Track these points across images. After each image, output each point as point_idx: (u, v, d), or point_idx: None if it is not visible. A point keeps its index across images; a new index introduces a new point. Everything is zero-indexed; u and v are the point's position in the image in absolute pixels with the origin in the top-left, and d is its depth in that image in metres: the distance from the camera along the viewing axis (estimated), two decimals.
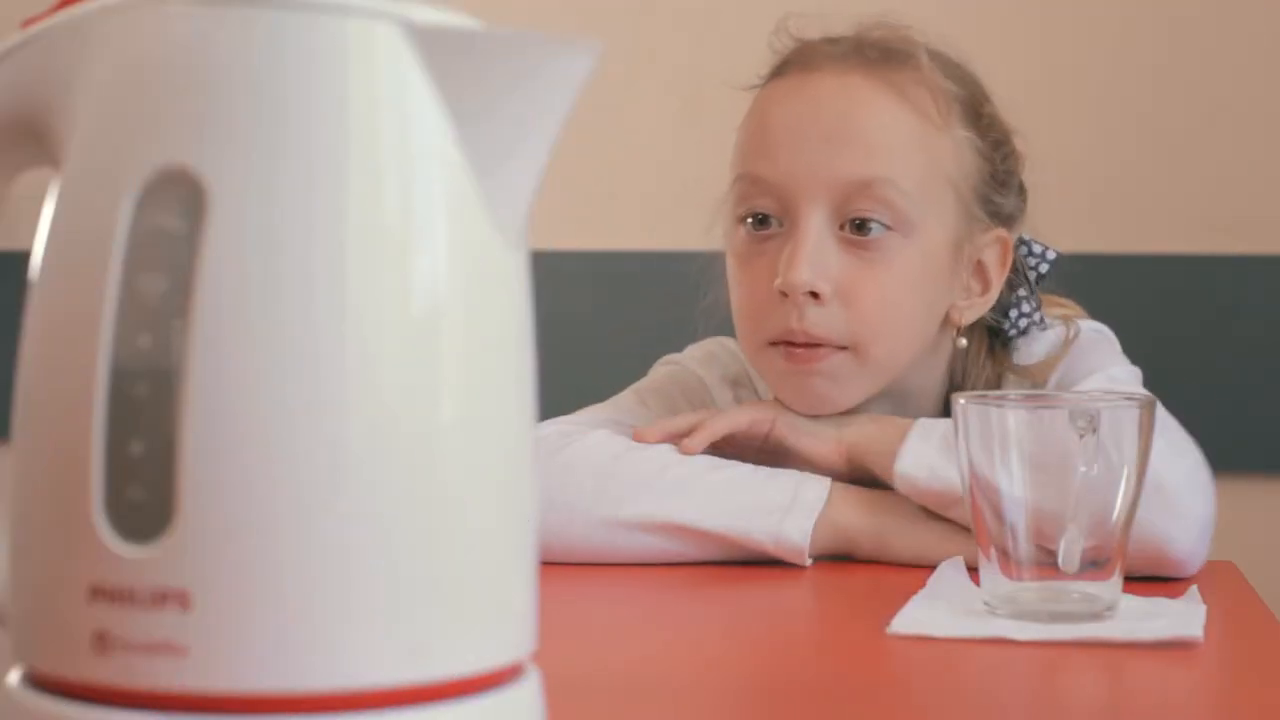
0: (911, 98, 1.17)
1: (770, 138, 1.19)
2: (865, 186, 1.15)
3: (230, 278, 0.53)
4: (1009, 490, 0.89)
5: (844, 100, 1.17)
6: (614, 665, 0.84)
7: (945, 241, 1.18)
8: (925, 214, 1.17)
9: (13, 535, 0.57)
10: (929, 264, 1.18)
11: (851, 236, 1.16)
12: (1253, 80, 1.82)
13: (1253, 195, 1.81)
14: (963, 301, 1.22)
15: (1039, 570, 0.90)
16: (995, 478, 0.89)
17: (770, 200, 1.17)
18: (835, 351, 1.16)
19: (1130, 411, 0.90)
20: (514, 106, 0.56)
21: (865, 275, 1.16)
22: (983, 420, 0.90)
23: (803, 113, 1.18)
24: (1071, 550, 0.89)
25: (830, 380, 1.17)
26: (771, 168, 1.17)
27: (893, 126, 1.17)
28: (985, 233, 1.21)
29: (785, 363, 1.17)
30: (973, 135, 1.20)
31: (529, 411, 0.59)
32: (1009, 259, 1.22)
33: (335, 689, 0.53)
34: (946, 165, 1.18)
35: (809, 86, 1.19)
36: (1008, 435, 0.89)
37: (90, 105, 0.56)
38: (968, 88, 1.21)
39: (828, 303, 1.15)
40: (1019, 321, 1.25)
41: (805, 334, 1.15)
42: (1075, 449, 0.89)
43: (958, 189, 1.19)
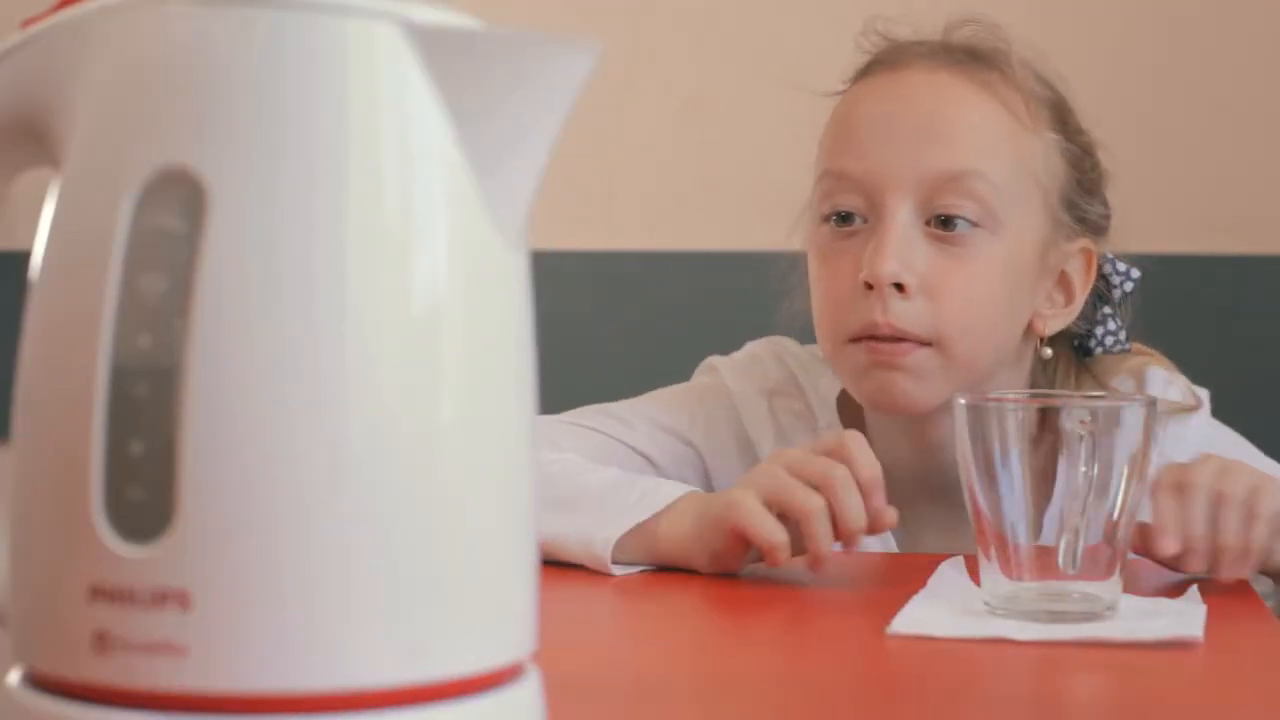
0: (1001, 96, 1.17)
1: (856, 133, 1.18)
2: (953, 180, 1.13)
3: (230, 278, 0.53)
4: (1008, 490, 0.89)
5: (932, 96, 1.17)
6: (614, 665, 0.84)
7: (1032, 243, 1.17)
8: (1012, 213, 1.15)
9: (13, 535, 0.57)
10: (1014, 264, 1.16)
11: (938, 231, 1.14)
12: (1253, 80, 1.82)
13: (1253, 195, 1.81)
14: (1046, 310, 1.20)
15: (1039, 570, 0.89)
16: (995, 477, 0.89)
17: (855, 196, 1.16)
18: (918, 347, 1.14)
19: (1132, 411, 0.90)
20: (514, 106, 0.56)
21: (951, 270, 1.14)
22: (982, 420, 0.90)
23: (890, 108, 1.17)
24: (1071, 550, 0.89)
25: (913, 377, 1.15)
26: (857, 163, 1.16)
27: (982, 122, 1.16)
28: (1070, 241, 1.20)
29: (867, 357, 1.15)
30: (1061, 139, 1.19)
31: (529, 411, 0.59)
32: (1093, 271, 1.21)
33: (335, 689, 0.53)
34: (1035, 166, 1.17)
35: (897, 84, 1.18)
36: (1007, 435, 0.89)
37: (90, 105, 0.56)
38: (1057, 91, 1.21)
39: (913, 296, 1.13)
40: (1105, 339, 1.24)
41: (890, 326, 1.13)
42: (1076, 448, 0.88)
43: (1045, 191, 1.17)
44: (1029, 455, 0.88)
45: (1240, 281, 1.80)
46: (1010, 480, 0.89)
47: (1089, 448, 0.88)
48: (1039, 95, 1.18)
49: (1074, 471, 0.88)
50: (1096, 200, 1.22)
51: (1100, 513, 0.89)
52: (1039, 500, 0.89)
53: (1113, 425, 0.89)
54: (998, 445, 0.89)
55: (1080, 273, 1.21)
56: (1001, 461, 0.89)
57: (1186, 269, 1.81)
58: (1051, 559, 0.89)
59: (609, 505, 1.06)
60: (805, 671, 0.83)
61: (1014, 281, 1.17)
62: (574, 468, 1.13)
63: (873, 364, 1.15)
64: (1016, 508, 0.89)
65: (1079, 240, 1.20)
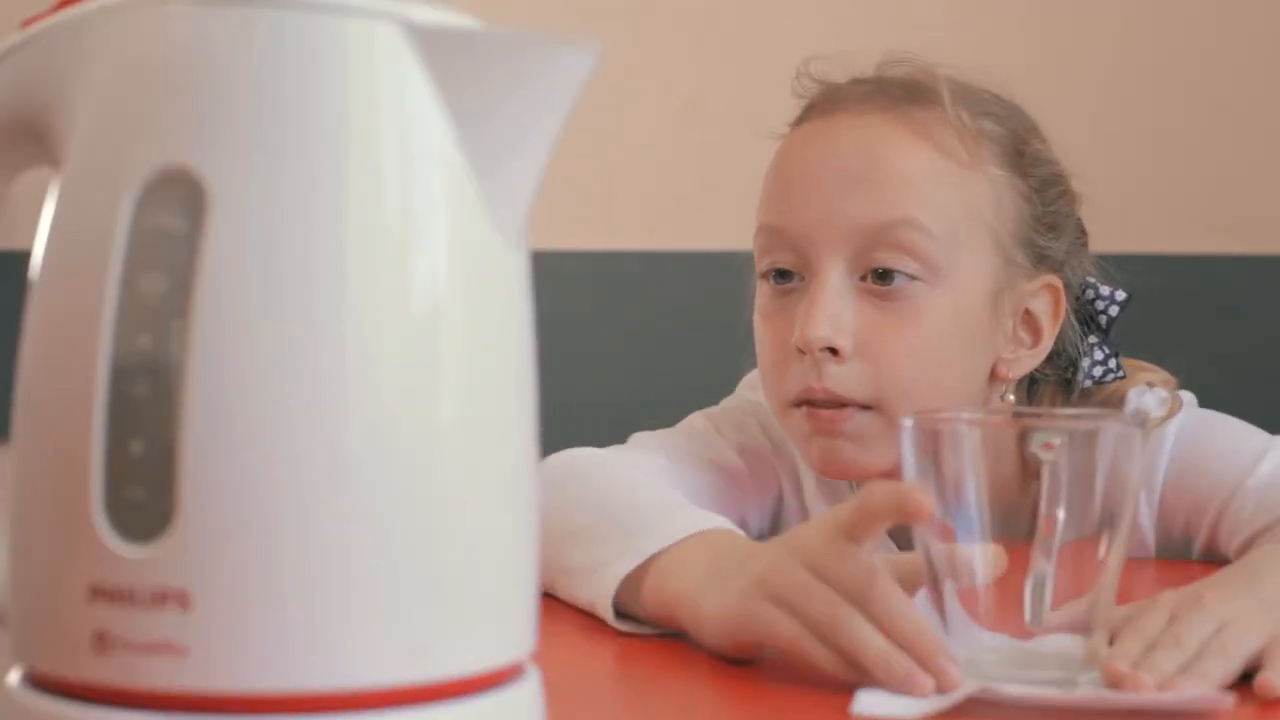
0: (935, 136, 1.09)
1: (785, 186, 1.11)
2: (885, 231, 1.06)
3: (230, 278, 0.53)
4: (964, 526, 0.72)
5: (860, 141, 1.09)
6: (614, 665, 0.84)
7: (981, 290, 1.09)
8: (955, 260, 1.08)
9: (13, 535, 0.57)
10: (962, 315, 1.09)
11: (874, 286, 1.07)
12: (1253, 80, 1.82)
13: (1253, 195, 1.81)
14: (1009, 354, 1.12)
15: (1003, 624, 0.73)
16: (946, 513, 0.72)
17: (788, 253, 1.10)
18: (860, 411, 1.08)
19: (1113, 431, 0.73)
20: (514, 106, 0.56)
21: (888, 328, 1.07)
22: (931, 442, 0.73)
23: (818, 157, 1.11)
24: (1038, 602, 0.72)
25: (856, 443, 1.08)
26: (787, 217, 1.10)
27: (913, 166, 1.08)
28: (1031, 280, 1.12)
29: (809, 424, 1.09)
30: (1011, 175, 1.11)
31: (529, 411, 0.59)
32: (1062, 307, 1.13)
33: (335, 689, 0.53)
34: (979, 206, 1.09)
35: (827, 129, 1.12)
36: (961, 460, 0.72)
37: (90, 105, 0.56)
38: (1007, 125, 1.13)
39: (848, 359, 1.07)
40: (1093, 370, 1.17)
41: (825, 391, 1.07)
42: (1044, 477, 0.72)
43: (995, 233, 1.10)
44: (987, 485, 0.73)
45: (1240, 281, 1.80)
46: (965, 515, 0.72)
47: (1059, 476, 0.72)
48: (983, 131, 1.11)
49: (1041, 503, 0.72)
50: (1062, 234, 1.15)
51: (1079, 558, 0.72)
52: (998, 539, 0.73)
53: (1089, 448, 0.73)
54: (949, 472, 0.73)
55: (1047, 311, 1.13)
56: (954, 493, 0.72)
57: (1186, 269, 1.81)
58: (1017, 611, 0.73)
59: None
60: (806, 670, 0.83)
61: (962, 332, 1.09)
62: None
63: (814, 431, 1.09)
64: (972, 548, 0.73)
65: (1041, 277, 1.13)
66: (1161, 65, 1.82)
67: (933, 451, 0.73)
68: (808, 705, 0.75)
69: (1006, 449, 1.12)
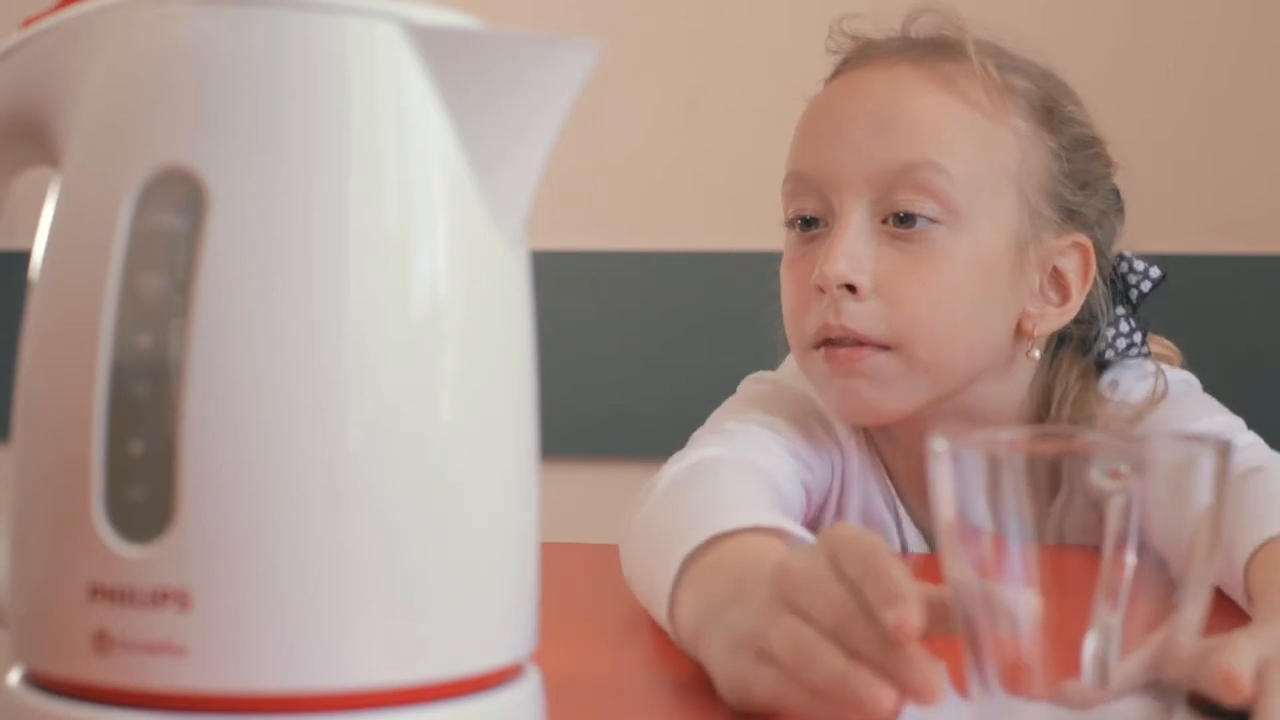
0: (959, 86, 1.11)
1: (813, 133, 1.13)
2: (906, 172, 1.08)
3: (230, 278, 0.53)
4: (1009, 569, 0.61)
5: (886, 90, 1.11)
6: (614, 665, 0.84)
7: (1004, 239, 1.10)
8: (977, 206, 1.09)
9: (13, 535, 0.57)
10: (984, 262, 1.09)
11: (895, 230, 1.09)
12: (1253, 80, 1.82)
13: (1253, 195, 1.81)
14: (1035, 309, 1.13)
15: (1056, 684, 0.60)
16: (988, 551, 0.61)
17: (813, 199, 1.11)
18: (878, 352, 1.08)
19: (1197, 455, 0.61)
20: (514, 106, 0.56)
21: (907, 269, 1.08)
22: (970, 469, 0.61)
23: (844, 105, 1.13)
24: (1100, 659, 0.60)
25: (874, 384, 1.09)
26: (811, 162, 1.12)
27: (935, 113, 1.10)
28: (1060, 237, 1.13)
29: (827, 366, 1.10)
30: (1038, 129, 1.13)
31: (529, 411, 0.59)
32: (1091, 269, 1.14)
33: (335, 689, 0.53)
34: (1002, 156, 1.10)
35: (855, 81, 1.14)
36: (1004, 490, 0.60)
37: (90, 105, 0.56)
38: (1038, 84, 1.15)
39: (866, 298, 1.08)
40: (1116, 342, 1.17)
41: (843, 328, 1.07)
42: (1114, 512, 0.60)
43: (1019, 184, 1.11)
44: (1035, 519, 0.60)
45: (1240, 281, 1.80)
46: (1010, 555, 0.61)
47: (1125, 510, 0.60)
48: (1010, 86, 1.12)
49: (1106, 544, 0.60)
50: (1092, 194, 1.16)
51: (1149, 604, 0.60)
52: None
53: (1166, 477, 0.61)
54: (989, 504, 0.60)
55: (1076, 270, 1.14)
56: (995, 529, 0.60)
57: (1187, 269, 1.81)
58: (1073, 669, 0.60)
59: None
60: None
61: (983, 279, 1.10)
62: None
63: (833, 372, 1.10)
64: (1021, 593, 0.60)
65: (1071, 235, 1.14)
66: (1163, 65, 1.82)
67: (965, 481, 0.61)
68: None
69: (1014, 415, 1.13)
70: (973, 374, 1.12)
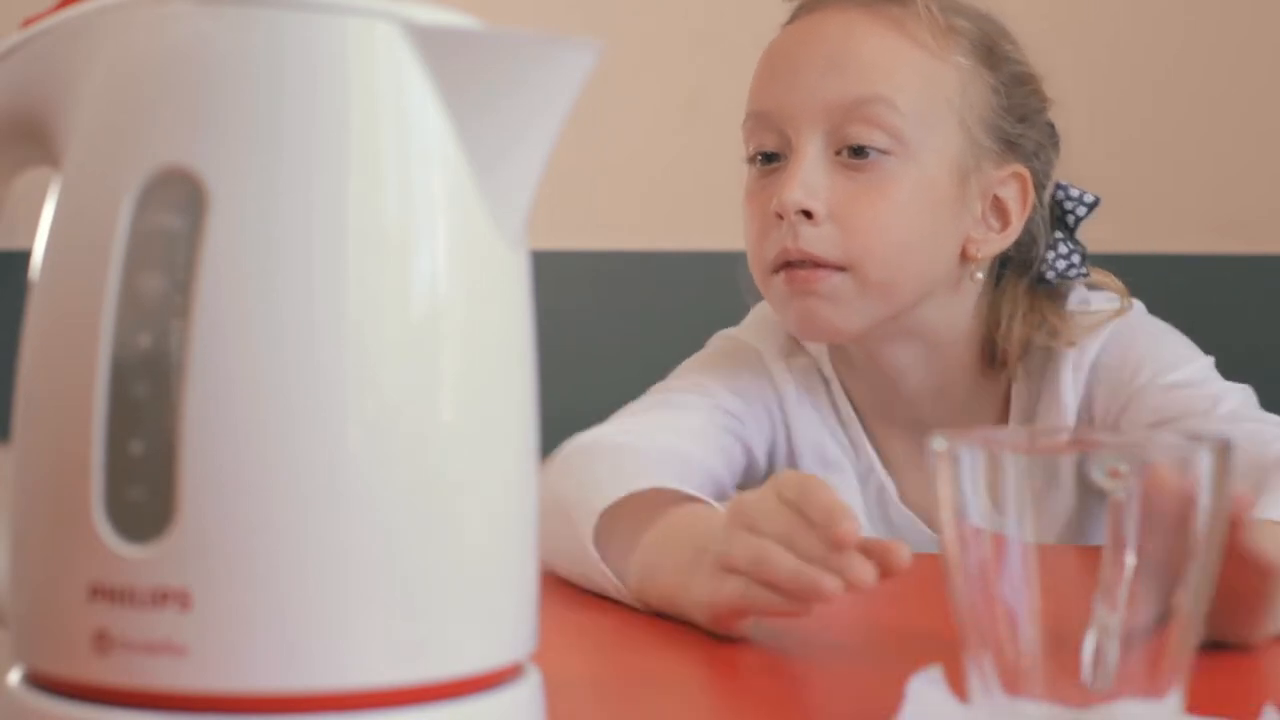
0: (908, 28, 1.19)
1: (769, 74, 1.21)
2: (858, 106, 1.16)
3: (230, 277, 0.53)
4: (1009, 569, 0.61)
5: (839, 32, 1.20)
6: (614, 665, 0.84)
7: (948, 168, 1.18)
8: (923, 138, 1.17)
9: (13, 535, 0.57)
10: (930, 189, 1.18)
11: (848, 160, 1.16)
12: (1253, 80, 1.82)
13: (1253, 195, 1.81)
14: (978, 235, 1.21)
15: (1055, 685, 0.60)
16: (988, 552, 0.61)
17: (772, 135, 1.19)
18: (834, 273, 1.16)
19: (1197, 455, 0.61)
20: (514, 106, 0.56)
21: (859, 195, 1.16)
22: (970, 469, 0.61)
23: (801, 47, 1.21)
24: (1104, 657, 0.60)
25: (830, 302, 1.17)
26: (770, 101, 1.20)
27: (886, 52, 1.18)
28: (999, 167, 1.21)
29: (785, 286, 1.18)
30: (978, 66, 1.20)
31: (529, 411, 0.59)
32: (1029, 197, 1.22)
33: (335, 689, 0.53)
34: (947, 91, 1.19)
35: (810, 25, 1.22)
36: (1006, 490, 0.61)
37: (90, 105, 0.56)
38: (979, 25, 1.22)
39: (822, 223, 1.16)
40: (1056, 263, 1.24)
41: (800, 252, 1.16)
42: (1113, 512, 0.60)
43: (961, 116, 1.19)
44: (1036, 519, 0.61)
45: (1240, 281, 1.80)
46: (1011, 555, 0.61)
47: (1126, 509, 0.60)
48: (953, 27, 1.20)
49: (1106, 544, 0.60)
50: (1029, 126, 1.23)
51: (1148, 603, 0.61)
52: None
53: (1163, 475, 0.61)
54: (991, 504, 0.61)
55: (1015, 198, 1.22)
56: (998, 528, 0.61)
57: (1186, 269, 1.81)
58: (1072, 670, 0.60)
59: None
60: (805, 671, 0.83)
61: (930, 206, 1.18)
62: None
63: (791, 293, 1.18)
64: (1020, 594, 0.60)
65: (1010, 165, 1.21)
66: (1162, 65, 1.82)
67: (964, 481, 0.61)
68: (810, 707, 0.75)
69: (964, 335, 1.22)
70: (922, 294, 1.20)
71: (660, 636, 0.88)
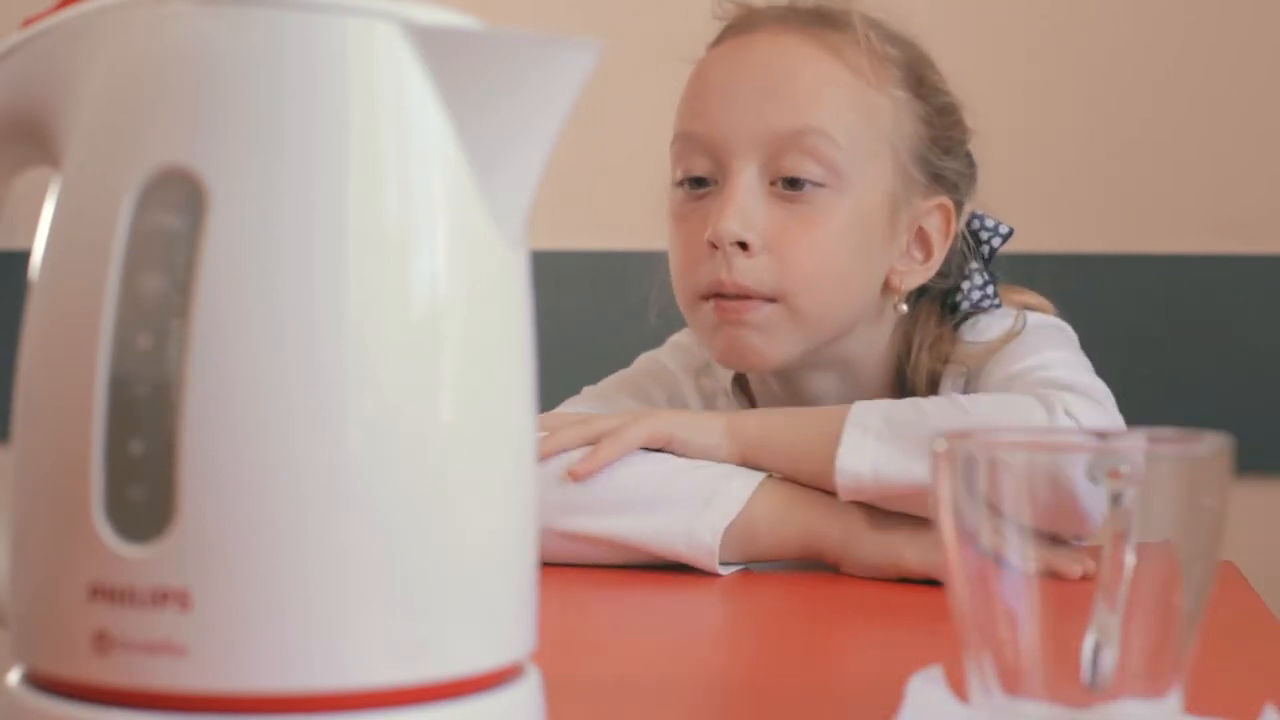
0: (846, 56, 1.18)
1: (703, 96, 1.20)
2: (795, 137, 1.15)
3: (230, 278, 0.53)
4: (1009, 568, 0.60)
5: (776, 57, 1.18)
6: (614, 665, 0.84)
7: (880, 200, 1.18)
8: (859, 169, 1.16)
9: (13, 535, 0.57)
10: (863, 221, 1.17)
11: (783, 191, 1.16)
12: (1253, 80, 1.82)
13: (1253, 195, 1.81)
14: (902, 267, 1.21)
15: (1055, 685, 0.60)
16: (987, 551, 0.61)
17: (704, 159, 1.18)
18: (764, 303, 1.16)
19: (1197, 455, 0.61)
20: (514, 106, 0.56)
21: (795, 227, 1.16)
22: (970, 469, 0.61)
23: (735, 70, 1.19)
24: (1103, 657, 0.60)
25: (760, 332, 1.17)
26: (704, 124, 1.19)
27: (824, 80, 1.17)
28: (926, 198, 1.21)
29: (715, 315, 1.17)
30: (912, 98, 1.20)
31: (529, 411, 0.59)
32: (952, 227, 1.22)
33: (335, 689, 0.53)
34: (882, 123, 1.18)
35: (743, 46, 1.21)
36: (1004, 490, 0.60)
37: (90, 105, 0.56)
38: (908, 53, 1.22)
39: (756, 254, 1.15)
40: (971, 294, 1.24)
41: (734, 285, 1.15)
42: (1113, 512, 0.60)
43: (894, 148, 1.19)
44: (1036, 520, 0.60)
45: (1240, 281, 1.80)
46: (1010, 554, 0.61)
47: (1130, 510, 0.60)
48: (887, 55, 1.19)
49: (1106, 544, 0.60)
50: (954, 158, 1.23)
51: (1146, 603, 0.60)
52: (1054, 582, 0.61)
53: (1166, 475, 0.61)
54: (989, 504, 0.61)
55: (939, 229, 1.22)
56: (995, 528, 0.61)
57: (1186, 269, 1.81)
58: (1072, 670, 0.60)
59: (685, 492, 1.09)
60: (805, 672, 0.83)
61: (862, 238, 1.18)
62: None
63: (721, 321, 1.17)
64: (1019, 593, 0.60)
65: (935, 197, 1.21)
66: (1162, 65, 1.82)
67: (966, 482, 0.61)
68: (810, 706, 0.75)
69: (879, 363, 1.23)
70: (849, 325, 1.20)
71: (660, 636, 0.88)
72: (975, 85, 1.26)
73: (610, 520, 1.08)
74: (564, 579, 1.06)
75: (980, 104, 1.27)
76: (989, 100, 1.27)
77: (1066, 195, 1.82)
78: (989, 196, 1.28)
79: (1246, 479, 1.85)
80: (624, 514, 1.08)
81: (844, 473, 1.07)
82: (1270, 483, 1.78)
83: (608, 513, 1.08)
